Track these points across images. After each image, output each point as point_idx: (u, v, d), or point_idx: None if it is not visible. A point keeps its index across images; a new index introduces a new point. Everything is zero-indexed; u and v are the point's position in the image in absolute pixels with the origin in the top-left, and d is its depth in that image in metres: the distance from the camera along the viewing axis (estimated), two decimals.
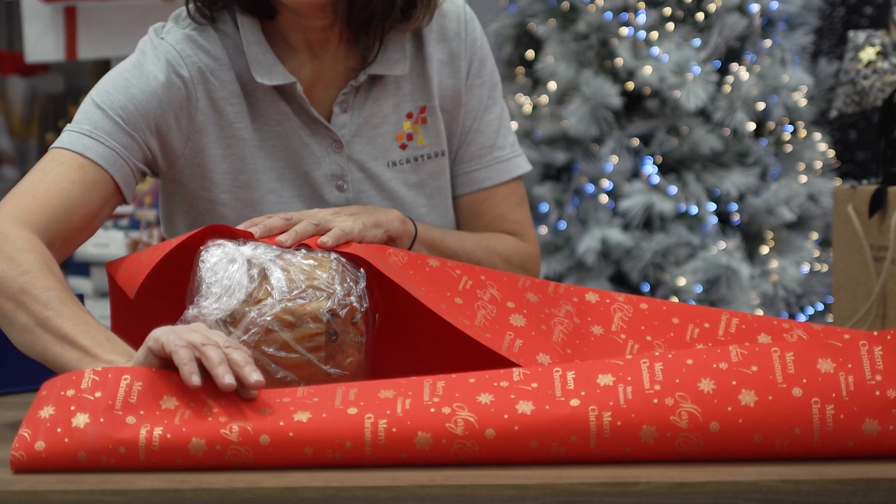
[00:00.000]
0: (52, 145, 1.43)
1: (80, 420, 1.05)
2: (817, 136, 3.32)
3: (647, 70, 3.12)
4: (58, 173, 1.39)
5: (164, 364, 1.11)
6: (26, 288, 1.26)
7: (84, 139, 1.41)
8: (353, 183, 1.53)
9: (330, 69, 1.52)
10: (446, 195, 1.59)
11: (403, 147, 1.54)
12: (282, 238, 1.28)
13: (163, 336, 1.11)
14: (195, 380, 1.06)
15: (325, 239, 1.29)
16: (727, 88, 3.17)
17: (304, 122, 1.51)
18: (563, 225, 3.22)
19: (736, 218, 3.22)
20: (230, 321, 1.20)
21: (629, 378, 1.06)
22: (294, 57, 1.51)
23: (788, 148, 3.29)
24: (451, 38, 1.57)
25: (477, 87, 1.59)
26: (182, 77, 1.46)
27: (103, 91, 1.45)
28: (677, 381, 1.06)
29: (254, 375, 1.07)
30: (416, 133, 1.55)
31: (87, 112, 1.44)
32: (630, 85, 3.19)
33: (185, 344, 1.09)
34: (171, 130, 1.46)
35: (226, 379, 1.06)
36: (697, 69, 3.12)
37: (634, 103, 3.21)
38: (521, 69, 3.36)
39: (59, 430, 1.05)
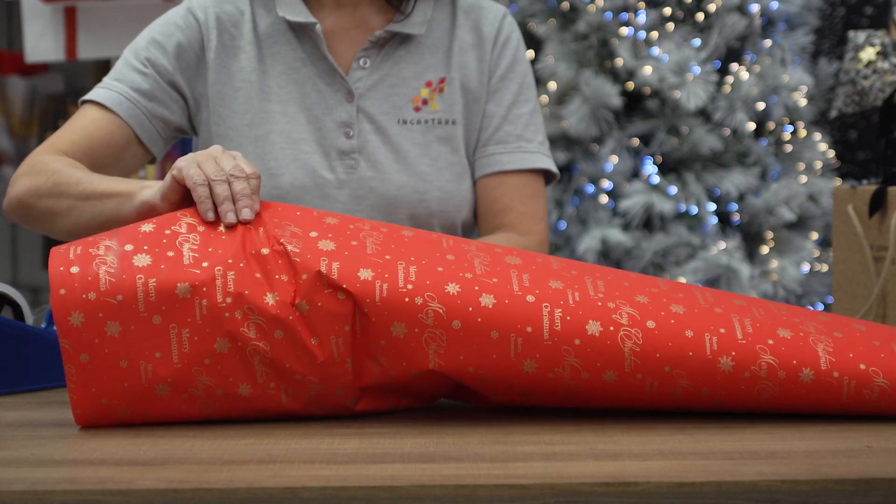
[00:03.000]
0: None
1: (113, 329, 1.14)
2: (817, 136, 3.32)
3: (647, 70, 3.12)
4: (74, 118, 1.62)
5: (185, 192, 1.27)
6: (58, 182, 1.48)
7: (97, 90, 1.62)
8: (360, 133, 1.63)
9: (355, 26, 1.65)
10: (451, 163, 1.66)
11: (417, 110, 1.65)
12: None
13: (184, 168, 1.26)
14: (210, 216, 1.22)
15: None
16: (727, 88, 3.17)
17: (319, 70, 1.64)
18: (563, 225, 3.22)
19: (736, 218, 3.22)
20: None
21: (576, 286, 1.20)
22: (321, 8, 1.66)
23: (788, 148, 3.29)
24: (482, 29, 1.69)
25: (509, 80, 1.69)
26: (197, 19, 1.64)
27: (133, 42, 1.67)
28: (617, 293, 1.20)
29: (244, 212, 1.21)
30: (431, 99, 1.65)
31: (116, 65, 1.66)
32: (630, 85, 3.19)
33: (202, 182, 1.23)
34: (190, 67, 1.64)
35: (227, 217, 1.21)
36: (697, 69, 3.12)
37: (634, 103, 3.21)
38: None
39: (96, 340, 1.14)
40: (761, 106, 3.20)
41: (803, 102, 3.26)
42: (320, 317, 1.16)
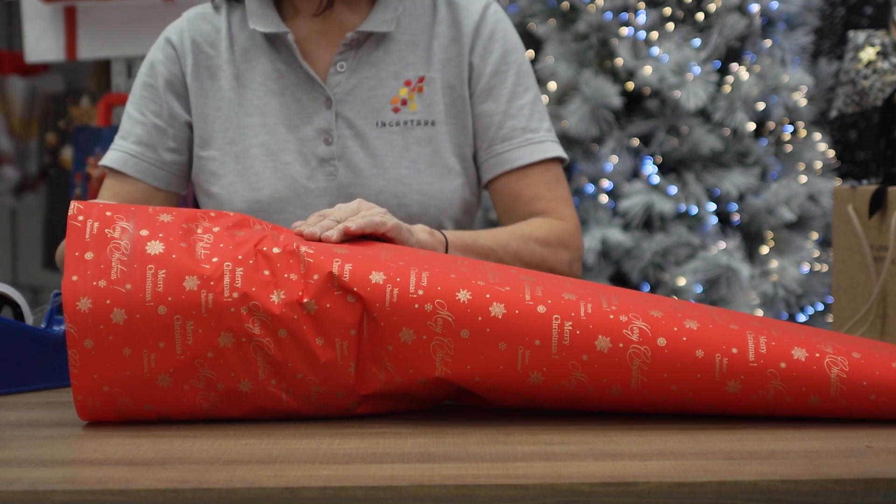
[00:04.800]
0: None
1: (119, 316, 1.14)
2: (817, 136, 3.32)
3: (647, 70, 3.12)
4: (102, 189, 1.68)
5: None
6: None
7: (109, 154, 1.68)
8: (339, 139, 1.62)
9: (330, 30, 1.64)
10: (432, 164, 1.63)
11: (396, 111, 1.62)
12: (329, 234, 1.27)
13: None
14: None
15: (350, 225, 1.27)
16: (727, 88, 3.17)
17: (298, 79, 1.63)
18: None
19: (736, 218, 3.22)
20: None
21: (589, 298, 1.18)
22: (296, 17, 1.65)
23: (788, 148, 3.29)
24: (462, 22, 1.65)
25: (504, 74, 1.66)
26: (174, 47, 1.66)
27: (131, 93, 1.70)
28: (631, 306, 1.18)
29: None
30: (410, 99, 1.63)
31: (122, 120, 1.70)
32: (630, 85, 3.19)
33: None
34: (181, 96, 1.66)
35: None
36: (697, 69, 3.12)
37: (634, 103, 3.21)
38: None
39: (101, 327, 1.14)
40: (761, 106, 3.20)
41: (803, 102, 3.26)
42: (327, 318, 1.16)
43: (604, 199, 3.18)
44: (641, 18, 3.18)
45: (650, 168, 3.19)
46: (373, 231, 1.29)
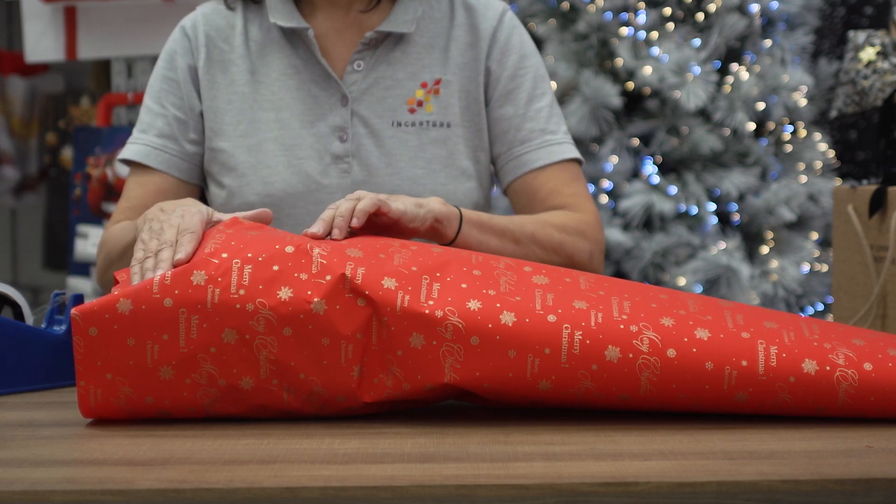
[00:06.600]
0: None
1: (125, 306, 1.15)
2: (817, 136, 3.32)
3: (647, 70, 3.12)
4: (125, 185, 1.69)
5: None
6: (109, 251, 1.60)
7: (129, 147, 1.68)
8: (354, 136, 1.62)
9: (348, 28, 1.65)
10: (446, 166, 1.64)
11: (412, 111, 1.63)
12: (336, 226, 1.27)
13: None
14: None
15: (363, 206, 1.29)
16: (727, 88, 3.17)
17: (315, 76, 1.64)
18: None
19: (736, 218, 3.22)
20: None
21: (601, 306, 1.18)
22: (316, 13, 1.66)
23: (788, 148, 3.29)
24: (479, 27, 1.66)
25: (521, 78, 1.67)
26: (188, 36, 1.67)
27: (149, 85, 1.71)
28: (642, 314, 1.18)
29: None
30: (426, 101, 1.64)
31: (140, 113, 1.71)
32: (630, 85, 3.19)
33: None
34: (197, 87, 1.66)
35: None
36: (697, 69, 3.12)
37: (634, 103, 3.21)
38: None
39: (106, 315, 1.15)
40: (761, 106, 3.20)
41: (803, 102, 3.26)
42: (335, 319, 1.16)
43: (604, 199, 3.18)
44: (641, 18, 3.18)
45: (650, 168, 3.19)
46: (358, 223, 1.28)
